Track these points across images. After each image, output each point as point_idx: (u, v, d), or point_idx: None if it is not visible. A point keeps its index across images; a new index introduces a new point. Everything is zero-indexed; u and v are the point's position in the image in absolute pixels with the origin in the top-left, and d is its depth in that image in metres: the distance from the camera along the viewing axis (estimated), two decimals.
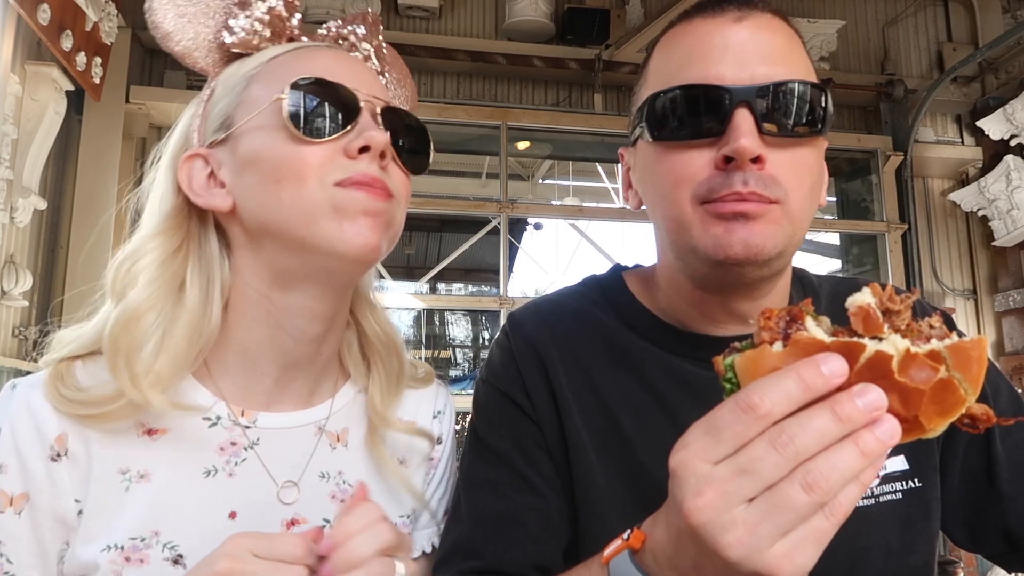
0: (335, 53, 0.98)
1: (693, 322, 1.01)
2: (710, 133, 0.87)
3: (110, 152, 3.87)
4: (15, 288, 3.31)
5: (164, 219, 0.94)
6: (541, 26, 4.73)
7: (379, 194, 0.88)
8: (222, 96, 0.95)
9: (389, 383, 1.05)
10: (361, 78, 0.95)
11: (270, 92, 0.90)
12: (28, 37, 3.34)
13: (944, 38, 5.40)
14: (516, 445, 1.01)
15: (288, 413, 1.00)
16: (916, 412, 0.58)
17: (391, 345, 1.07)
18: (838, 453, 0.56)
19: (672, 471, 0.62)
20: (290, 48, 0.97)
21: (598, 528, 0.96)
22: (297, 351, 0.97)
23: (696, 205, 0.87)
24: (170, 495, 0.90)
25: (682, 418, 0.96)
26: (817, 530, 0.57)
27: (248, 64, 0.96)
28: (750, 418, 0.57)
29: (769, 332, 0.63)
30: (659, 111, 0.90)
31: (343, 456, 1.02)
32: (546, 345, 1.04)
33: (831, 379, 0.57)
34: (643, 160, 0.97)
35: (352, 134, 0.89)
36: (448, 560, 0.99)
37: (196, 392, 0.95)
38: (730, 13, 0.90)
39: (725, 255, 0.85)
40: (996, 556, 1.04)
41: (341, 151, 0.88)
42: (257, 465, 0.95)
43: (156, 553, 0.88)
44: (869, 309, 0.60)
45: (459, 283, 8.54)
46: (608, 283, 1.12)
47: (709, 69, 0.87)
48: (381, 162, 0.89)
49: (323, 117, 0.88)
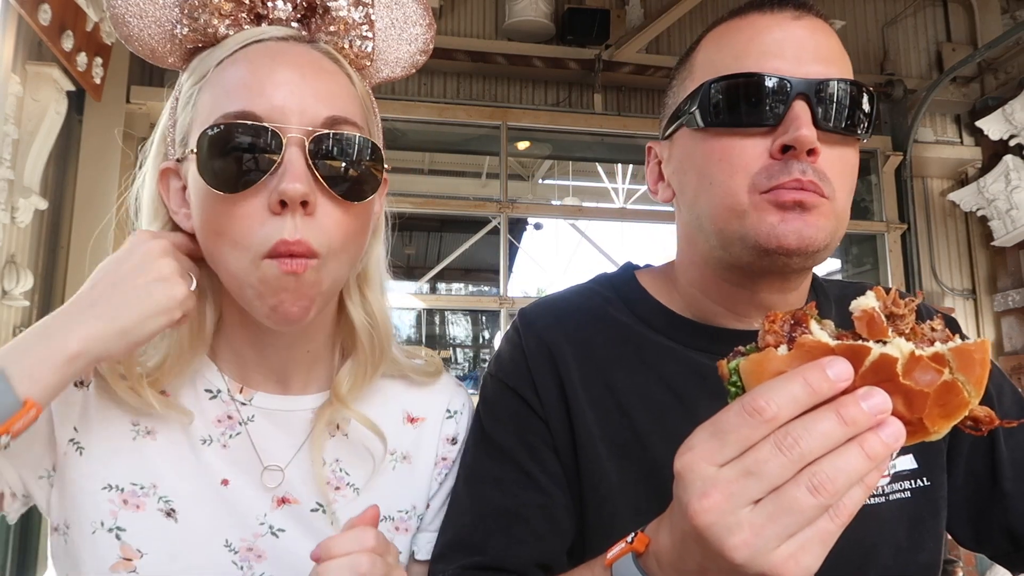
0: (273, 61, 0.88)
1: (715, 317, 1.01)
2: (767, 122, 0.87)
3: (111, 152, 3.88)
4: (16, 288, 3.32)
5: None
6: (541, 26, 4.74)
7: (297, 266, 0.83)
8: (184, 103, 0.93)
9: (361, 370, 1.02)
10: (299, 95, 0.86)
11: (201, 124, 0.87)
12: (29, 37, 3.34)
13: (943, 38, 5.41)
14: (522, 441, 1.01)
15: (285, 396, 1.01)
16: (920, 415, 0.58)
17: (375, 330, 1.03)
18: (843, 456, 0.56)
19: (677, 473, 0.62)
20: (235, 48, 0.90)
21: (609, 525, 0.96)
22: (281, 352, 0.99)
23: (753, 193, 0.87)
24: (170, 454, 0.94)
25: (700, 412, 0.96)
26: (822, 532, 0.57)
27: (205, 62, 0.92)
28: (756, 421, 0.58)
29: (774, 335, 0.64)
30: (715, 97, 0.90)
31: (341, 444, 1.02)
32: (559, 342, 1.04)
33: (836, 383, 0.57)
34: (686, 150, 0.97)
35: (275, 180, 0.83)
36: (448, 554, 0.99)
37: (201, 361, 0.99)
38: (788, 12, 0.92)
39: (778, 244, 0.86)
40: (1000, 556, 1.05)
41: (265, 205, 0.83)
42: (248, 442, 0.98)
43: (152, 503, 0.92)
44: (873, 313, 0.60)
45: (459, 283, 8.54)
46: (621, 280, 1.12)
47: (767, 61, 0.88)
48: (303, 211, 0.83)
49: (238, 165, 0.83)
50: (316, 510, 0.98)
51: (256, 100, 0.84)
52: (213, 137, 0.84)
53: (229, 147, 0.84)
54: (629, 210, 6.10)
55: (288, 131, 0.84)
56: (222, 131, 0.84)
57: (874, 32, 5.31)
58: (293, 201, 0.82)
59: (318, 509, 0.98)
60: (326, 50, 0.94)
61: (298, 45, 0.92)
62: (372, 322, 1.03)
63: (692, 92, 0.94)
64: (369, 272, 1.04)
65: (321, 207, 0.85)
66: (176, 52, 0.96)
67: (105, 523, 0.90)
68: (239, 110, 0.84)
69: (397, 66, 1.05)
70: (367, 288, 1.03)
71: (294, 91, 0.86)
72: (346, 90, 0.93)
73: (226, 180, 0.84)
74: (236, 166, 0.83)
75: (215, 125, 0.85)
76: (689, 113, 0.94)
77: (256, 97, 0.84)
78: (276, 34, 0.92)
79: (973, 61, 4.92)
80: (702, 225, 0.95)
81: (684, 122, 0.96)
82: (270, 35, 0.92)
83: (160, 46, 0.96)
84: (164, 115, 0.97)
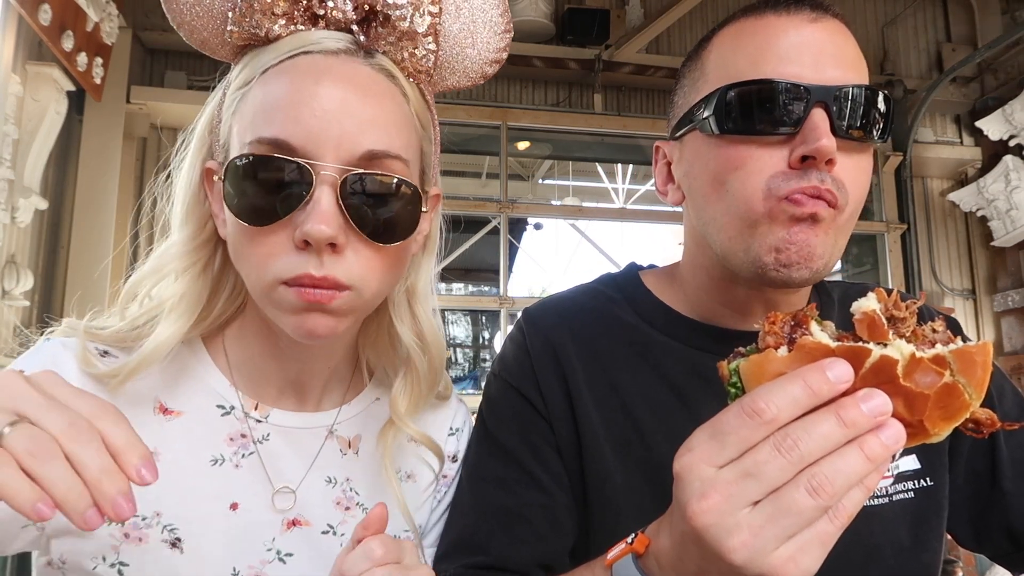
0: (317, 81, 0.81)
1: (720, 317, 1.01)
2: (784, 131, 0.86)
3: (111, 152, 3.87)
4: (16, 288, 3.32)
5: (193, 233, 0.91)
6: (541, 26, 4.73)
7: (322, 296, 0.79)
8: (229, 104, 0.88)
9: (415, 388, 0.99)
10: (338, 124, 0.80)
11: (239, 138, 0.83)
12: (29, 37, 3.34)
13: (943, 38, 5.41)
14: (525, 441, 1.01)
15: (299, 413, 0.98)
16: (921, 417, 0.58)
17: (426, 349, 1.00)
18: (843, 457, 0.56)
19: (676, 475, 0.63)
20: (283, 57, 0.84)
21: (613, 525, 0.96)
22: (298, 366, 0.96)
23: (769, 198, 0.86)
24: (176, 477, 0.88)
25: (703, 412, 0.96)
26: (822, 534, 0.57)
27: (253, 65, 0.86)
28: (755, 423, 0.58)
29: (774, 337, 0.63)
30: (731, 104, 0.88)
31: (353, 463, 1.00)
32: (563, 341, 1.04)
33: (837, 384, 0.57)
34: (698, 154, 0.95)
35: (302, 217, 0.79)
36: (451, 554, 0.99)
37: (209, 374, 0.94)
38: (805, 13, 0.89)
39: (776, 259, 0.86)
40: (1000, 556, 1.05)
41: (290, 238, 0.79)
42: (259, 463, 0.94)
43: (155, 533, 0.87)
44: (874, 316, 0.60)
45: (459, 283, 8.53)
46: (625, 280, 1.12)
47: (785, 67, 0.86)
48: (331, 251, 0.79)
49: (266, 199, 0.79)
50: (327, 532, 0.96)
51: (291, 127, 0.79)
52: (241, 167, 0.80)
53: (257, 179, 0.80)
54: (629, 210, 6.10)
55: (321, 168, 0.79)
56: (250, 162, 0.80)
57: (874, 32, 5.31)
58: (319, 243, 0.78)
59: (329, 531, 0.96)
60: (381, 65, 0.87)
61: (349, 61, 0.85)
62: (422, 341, 0.98)
63: (706, 96, 0.92)
64: (419, 288, 0.99)
65: (351, 246, 0.81)
66: (227, 47, 0.90)
67: (107, 558, 0.86)
68: (273, 137, 0.79)
69: (464, 76, 0.97)
70: (416, 303, 0.99)
71: (333, 120, 0.80)
72: (394, 115, 0.86)
73: (252, 212, 0.80)
74: (263, 199, 0.79)
75: (244, 156, 0.80)
76: (703, 119, 0.92)
77: (292, 124, 0.79)
78: (328, 46, 0.85)
79: (973, 61, 4.92)
80: (708, 232, 0.94)
81: (697, 126, 0.94)
82: (321, 47, 0.84)
83: (212, 38, 0.90)
84: (210, 106, 0.92)
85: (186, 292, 0.90)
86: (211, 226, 0.91)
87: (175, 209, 0.93)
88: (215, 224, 0.91)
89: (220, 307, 0.94)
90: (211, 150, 0.90)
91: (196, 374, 0.94)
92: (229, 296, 0.95)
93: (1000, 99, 4.86)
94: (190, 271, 0.90)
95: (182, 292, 0.90)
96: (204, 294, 0.92)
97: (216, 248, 0.93)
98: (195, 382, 0.93)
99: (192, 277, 0.91)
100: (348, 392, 1.04)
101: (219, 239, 0.91)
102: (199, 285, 0.91)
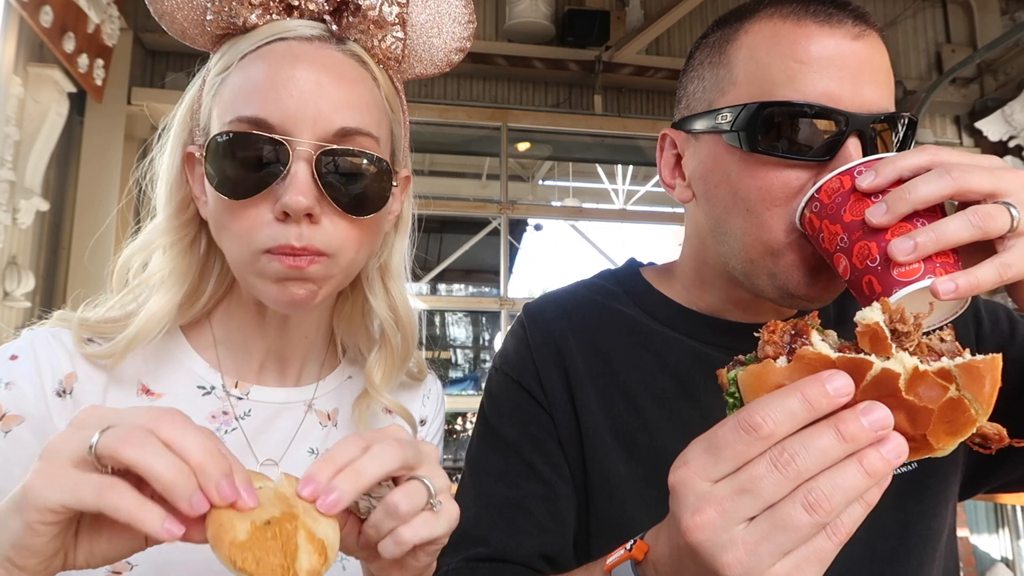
0: (293, 65, 0.87)
1: (721, 311, 1.02)
2: (819, 158, 0.84)
3: (112, 153, 3.88)
4: (17, 289, 3.32)
5: (176, 212, 0.95)
6: (541, 27, 4.73)
7: (302, 262, 0.85)
8: (209, 89, 0.92)
9: (389, 361, 1.03)
10: (313, 103, 0.85)
11: (219, 118, 0.88)
12: (30, 39, 3.34)
13: (943, 40, 5.41)
14: (527, 434, 1.01)
15: (279, 388, 1.01)
16: (924, 431, 0.56)
17: (400, 323, 1.03)
18: (841, 473, 0.55)
19: (672, 488, 0.62)
20: (260, 43, 0.89)
21: (618, 515, 0.96)
22: (281, 339, 1.00)
23: (792, 232, 0.85)
24: None
25: (705, 402, 0.96)
26: (819, 550, 0.56)
27: (231, 52, 0.91)
28: (751, 438, 0.56)
29: (773, 347, 0.62)
30: (766, 124, 0.85)
31: (332, 434, 1.02)
32: (564, 334, 1.04)
33: (836, 398, 0.56)
34: (719, 160, 0.92)
35: (281, 189, 0.84)
36: (453, 547, 0.97)
37: (189, 358, 0.98)
38: (847, 27, 0.86)
39: (806, 292, 0.86)
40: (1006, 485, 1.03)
41: (270, 211, 0.84)
42: (243, 439, 0.96)
43: None
44: (877, 329, 0.58)
45: (459, 284, 8.54)
46: (625, 274, 1.13)
47: (824, 87, 0.84)
48: (309, 221, 0.84)
49: (245, 173, 0.84)
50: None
51: (270, 107, 0.84)
52: (222, 144, 0.85)
53: (237, 155, 0.84)
54: (629, 211, 6.11)
55: (297, 144, 0.84)
56: (231, 139, 0.85)
57: None
58: (297, 213, 0.83)
59: None
60: (352, 51, 0.92)
61: (323, 47, 0.90)
62: (396, 316, 1.02)
63: (735, 106, 0.89)
64: (392, 265, 1.04)
65: (326, 217, 0.86)
66: (206, 36, 0.95)
67: None
68: (252, 115, 0.84)
69: (431, 64, 1.03)
70: (390, 280, 1.03)
71: (309, 99, 0.85)
72: (365, 98, 0.91)
73: (233, 187, 0.85)
74: (243, 174, 0.84)
75: (224, 132, 0.85)
76: (730, 129, 0.89)
77: (270, 104, 0.84)
78: (302, 33, 0.90)
79: (972, 62, 4.91)
80: (725, 246, 0.93)
81: (721, 132, 0.91)
82: (295, 33, 0.90)
83: (191, 28, 0.95)
84: (190, 92, 0.96)
85: (175, 267, 0.95)
86: (193, 207, 0.95)
87: (159, 191, 0.97)
88: (197, 206, 0.95)
89: (210, 288, 0.98)
90: (192, 135, 0.94)
91: (176, 359, 0.97)
92: (217, 278, 0.98)
93: (1000, 100, 4.87)
94: (176, 246, 0.95)
95: (171, 267, 0.95)
96: (192, 270, 0.96)
97: (200, 229, 0.97)
98: (176, 366, 0.97)
99: (179, 251, 0.95)
100: (324, 368, 1.07)
101: (202, 221, 0.95)
102: (187, 260, 0.95)
